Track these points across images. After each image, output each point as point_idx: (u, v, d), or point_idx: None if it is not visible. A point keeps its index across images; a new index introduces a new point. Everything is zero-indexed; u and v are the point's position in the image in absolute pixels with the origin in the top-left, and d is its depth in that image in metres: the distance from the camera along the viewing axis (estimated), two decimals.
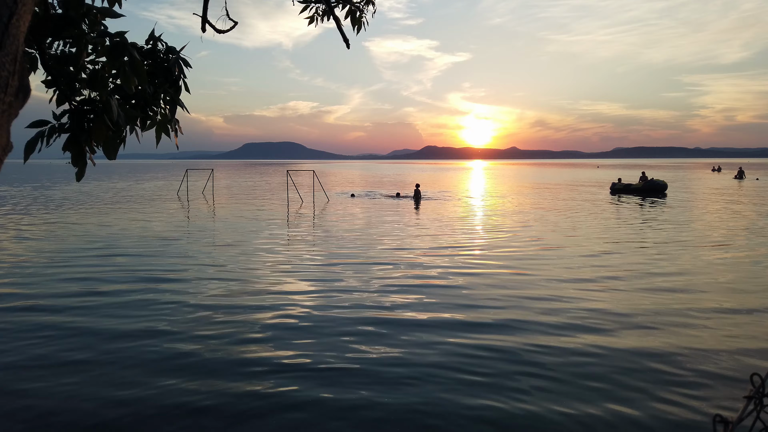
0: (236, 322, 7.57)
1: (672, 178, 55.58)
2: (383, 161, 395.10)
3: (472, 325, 7.47)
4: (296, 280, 10.27)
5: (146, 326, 7.41)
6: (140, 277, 10.53)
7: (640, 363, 6.09)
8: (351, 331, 7.18)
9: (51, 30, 1.93)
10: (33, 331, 7.25)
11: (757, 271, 10.94)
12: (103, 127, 2.05)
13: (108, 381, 5.65)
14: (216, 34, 3.49)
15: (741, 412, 1.12)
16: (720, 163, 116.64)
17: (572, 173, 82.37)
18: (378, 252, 13.24)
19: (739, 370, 5.88)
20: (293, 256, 12.70)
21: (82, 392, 5.39)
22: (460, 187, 43.81)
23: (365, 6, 4.03)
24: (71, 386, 5.54)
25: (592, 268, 11.16)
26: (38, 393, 5.36)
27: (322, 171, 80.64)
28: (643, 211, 22.88)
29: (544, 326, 7.38)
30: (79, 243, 14.66)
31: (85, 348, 6.62)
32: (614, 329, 7.26)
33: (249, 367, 6.00)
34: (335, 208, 24.78)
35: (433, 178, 63.21)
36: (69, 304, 8.58)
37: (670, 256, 12.53)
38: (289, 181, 33.22)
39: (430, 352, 6.47)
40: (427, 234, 16.38)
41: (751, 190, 36.45)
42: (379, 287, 9.60)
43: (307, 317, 7.84)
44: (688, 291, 9.32)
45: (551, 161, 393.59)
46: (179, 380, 5.65)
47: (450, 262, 11.91)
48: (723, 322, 7.57)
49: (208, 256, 12.64)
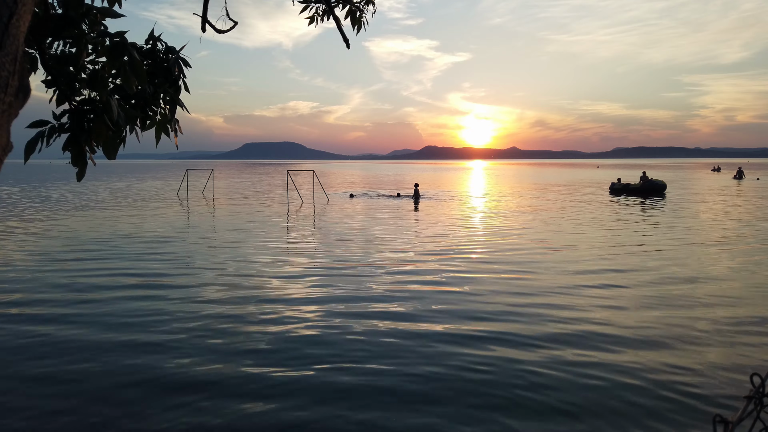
0: (237, 333, 7.15)
1: (672, 178, 55.59)
2: (383, 161, 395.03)
3: (476, 338, 7.45)
4: (296, 285, 10.00)
5: (132, 338, 6.98)
6: (137, 282, 10.49)
7: (640, 363, 6.09)
8: (353, 341, 6.82)
9: (51, 30, 1.93)
10: (16, 338, 6.91)
11: (757, 272, 10.95)
12: (103, 127, 2.05)
13: (99, 397, 5.31)
14: (216, 34, 3.49)
15: (741, 412, 1.12)
16: (720, 163, 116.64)
17: (572, 173, 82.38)
18: (378, 255, 13.23)
19: (739, 370, 5.88)
20: (294, 259, 12.68)
21: (63, 407, 5.07)
22: (460, 188, 43.81)
23: (365, 6, 4.03)
24: (52, 400, 5.21)
25: (590, 270, 11.16)
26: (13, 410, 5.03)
27: (322, 171, 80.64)
28: (643, 212, 22.88)
29: (548, 335, 7.39)
30: (75, 245, 14.65)
31: (69, 360, 6.17)
32: (615, 330, 7.26)
33: (250, 383, 5.59)
34: (335, 209, 24.78)
35: (433, 179, 63.21)
36: (54, 311, 8.14)
37: (669, 257, 12.52)
38: (289, 181, 33.23)
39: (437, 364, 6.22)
40: (427, 236, 16.36)
41: (750, 190, 36.46)
42: (381, 293, 9.40)
43: (309, 326, 7.57)
44: (687, 291, 9.32)
45: (551, 161, 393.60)
46: (175, 397, 5.30)
47: (451, 267, 11.90)
48: (723, 323, 7.57)
49: (206, 259, 12.59)
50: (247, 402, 5.21)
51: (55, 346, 6.73)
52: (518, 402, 5.17)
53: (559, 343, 6.74)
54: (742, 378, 5.65)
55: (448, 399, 5.24)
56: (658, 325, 7.41)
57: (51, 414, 4.97)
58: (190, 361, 6.23)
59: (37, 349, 6.63)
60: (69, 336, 7.08)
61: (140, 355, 6.42)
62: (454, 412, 4.97)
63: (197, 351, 6.54)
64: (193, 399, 5.24)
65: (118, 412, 4.98)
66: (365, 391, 5.44)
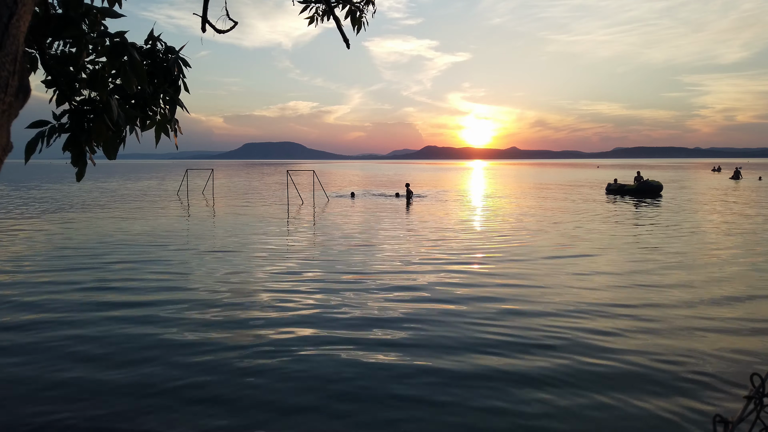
0: (234, 347, 6.67)
1: (670, 178, 55.58)
2: (383, 161, 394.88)
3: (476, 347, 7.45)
4: (297, 291, 9.84)
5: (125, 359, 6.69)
6: (135, 286, 10.50)
7: (640, 364, 6.09)
8: (351, 364, 6.12)
9: (51, 30, 1.93)
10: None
11: (756, 272, 10.94)
12: (103, 127, 2.05)
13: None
14: (215, 34, 3.49)
15: (741, 412, 1.12)
16: (720, 163, 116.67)
17: (572, 173, 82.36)
18: (378, 257, 13.23)
19: (739, 370, 5.88)
20: (294, 261, 12.67)
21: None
22: (460, 188, 43.79)
23: (365, 6, 4.02)
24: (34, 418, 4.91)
25: (589, 270, 11.17)
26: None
27: (322, 171, 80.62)
28: (637, 214, 22.88)
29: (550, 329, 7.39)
30: (69, 246, 14.64)
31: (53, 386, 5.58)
32: (615, 331, 7.26)
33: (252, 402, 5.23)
34: (335, 209, 24.78)
35: (434, 179, 63.21)
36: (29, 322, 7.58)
37: (668, 258, 12.52)
38: (289, 181, 33.23)
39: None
40: (427, 239, 16.35)
41: (747, 190, 36.41)
42: (381, 305, 9.29)
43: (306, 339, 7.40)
44: (687, 292, 9.32)
45: (551, 161, 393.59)
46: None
47: (452, 270, 11.90)
48: (723, 323, 7.57)
49: (206, 262, 12.58)
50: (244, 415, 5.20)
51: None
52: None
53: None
54: (742, 378, 5.65)
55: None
56: (658, 326, 7.41)
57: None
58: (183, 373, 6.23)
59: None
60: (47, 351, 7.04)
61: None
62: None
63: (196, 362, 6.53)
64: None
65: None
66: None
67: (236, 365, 6.08)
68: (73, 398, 5.26)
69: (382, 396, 5.33)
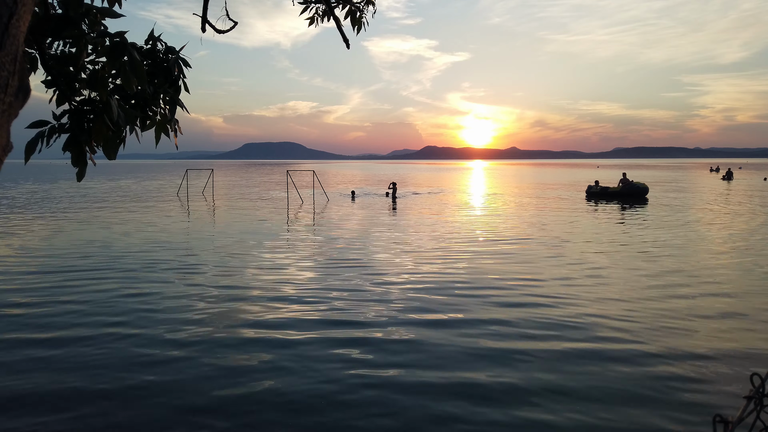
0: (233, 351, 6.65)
1: (669, 178, 55.56)
2: (383, 161, 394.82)
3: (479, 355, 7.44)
4: (298, 291, 10.06)
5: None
6: (132, 290, 10.49)
7: (640, 364, 6.09)
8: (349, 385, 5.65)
9: (51, 30, 1.93)
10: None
11: (754, 273, 10.95)
12: (103, 127, 2.05)
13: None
14: (215, 34, 3.49)
15: (741, 412, 1.12)
16: (720, 163, 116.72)
17: (572, 173, 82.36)
18: (379, 258, 13.23)
19: (739, 370, 5.87)
20: (295, 264, 12.67)
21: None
22: (461, 187, 43.79)
23: (365, 6, 4.02)
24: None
25: (585, 273, 11.18)
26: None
27: (321, 171, 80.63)
28: (623, 222, 22.85)
29: (546, 336, 7.39)
30: (68, 246, 14.64)
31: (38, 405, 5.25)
32: (615, 331, 7.26)
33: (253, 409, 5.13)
34: (335, 209, 24.78)
35: (434, 179, 63.22)
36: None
37: (666, 259, 12.53)
38: (289, 180, 33.24)
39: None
40: (427, 240, 16.36)
41: (740, 191, 36.19)
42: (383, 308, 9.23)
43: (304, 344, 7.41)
44: (686, 293, 9.33)
45: (551, 161, 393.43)
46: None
47: (452, 272, 11.91)
48: (723, 323, 7.57)
49: (206, 262, 12.61)
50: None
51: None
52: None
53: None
54: (742, 378, 5.65)
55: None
56: (658, 327, 7.41)
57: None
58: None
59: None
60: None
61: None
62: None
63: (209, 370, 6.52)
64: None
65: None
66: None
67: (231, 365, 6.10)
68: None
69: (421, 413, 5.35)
